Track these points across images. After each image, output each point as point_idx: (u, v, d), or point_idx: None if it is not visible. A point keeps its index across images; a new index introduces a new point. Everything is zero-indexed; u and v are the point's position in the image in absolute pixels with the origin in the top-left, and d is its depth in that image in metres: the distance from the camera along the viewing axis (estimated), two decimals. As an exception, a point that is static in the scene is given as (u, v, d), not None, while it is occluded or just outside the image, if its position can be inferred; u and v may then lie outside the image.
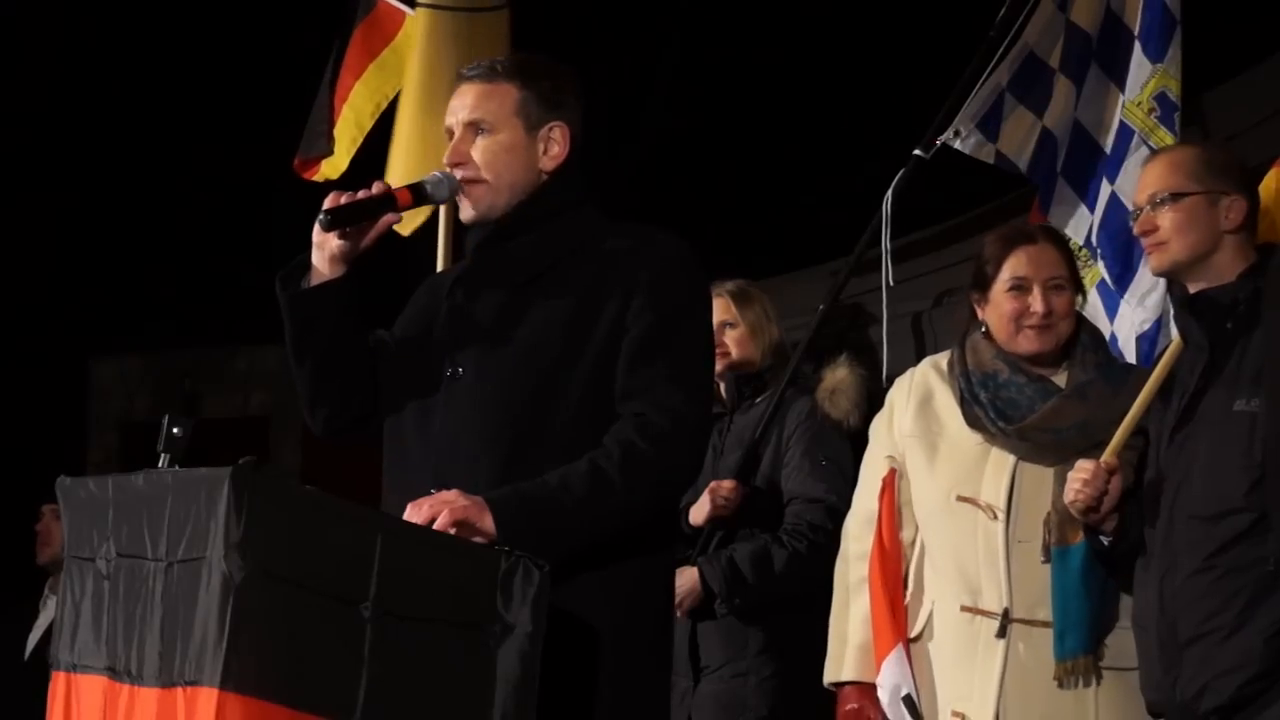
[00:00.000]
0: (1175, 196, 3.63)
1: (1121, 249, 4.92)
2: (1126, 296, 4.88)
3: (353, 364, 3.30)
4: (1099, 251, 4.97)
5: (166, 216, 9.28)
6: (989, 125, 5.05)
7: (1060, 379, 3.94)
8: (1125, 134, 4.99)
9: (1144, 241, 3.69)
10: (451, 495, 2.99)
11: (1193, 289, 3.64)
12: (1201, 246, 3.62)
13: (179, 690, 2.68)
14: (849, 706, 4.05)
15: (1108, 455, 3.64)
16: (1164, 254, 3.65)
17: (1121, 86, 5.02)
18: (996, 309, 3.97)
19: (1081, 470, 3.63)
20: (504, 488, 3.03)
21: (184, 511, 2.74)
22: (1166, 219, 3.63)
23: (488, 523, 2.97)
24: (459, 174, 3.26)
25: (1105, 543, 3.69)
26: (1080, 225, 5.05)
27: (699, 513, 4.83)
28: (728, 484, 4.80)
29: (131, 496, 2.89)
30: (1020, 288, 3.94)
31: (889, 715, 3.93)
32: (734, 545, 4.80)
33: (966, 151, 5.06)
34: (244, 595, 2.61)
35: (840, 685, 4.10)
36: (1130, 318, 4.87)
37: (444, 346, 3.23)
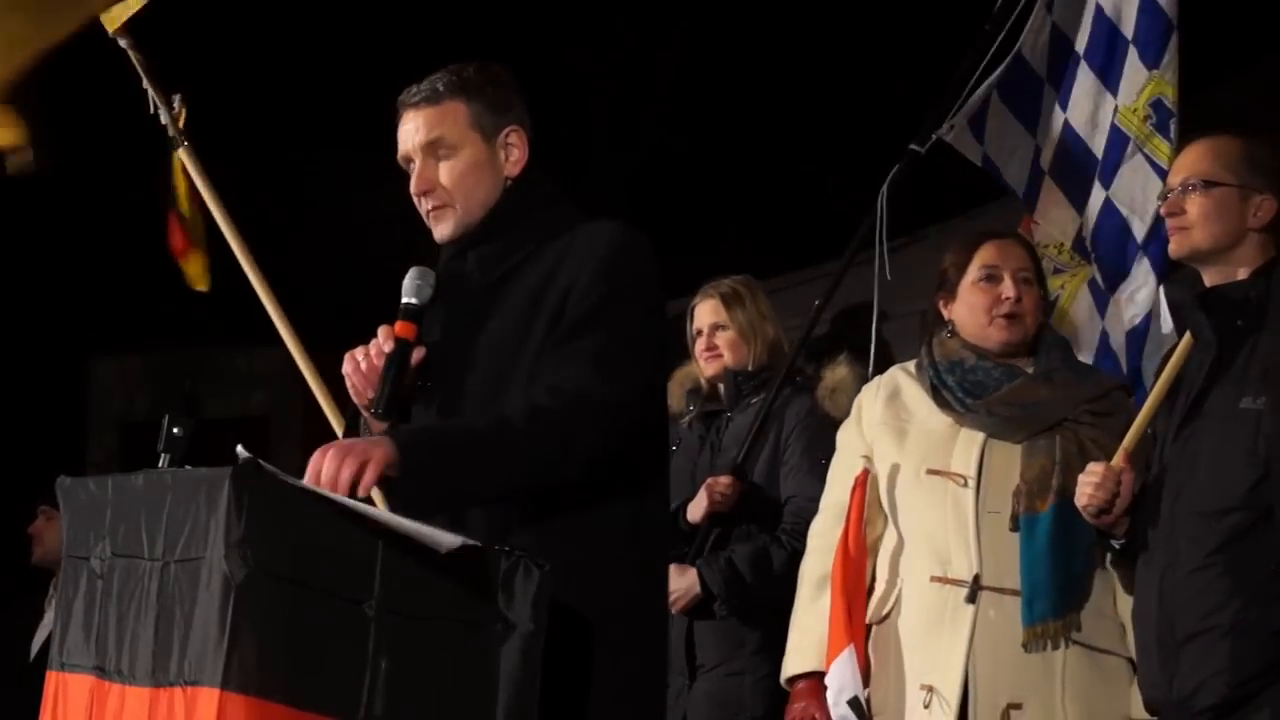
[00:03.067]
0: (1207, 184, 3.62)
1: (1115, 256, 4.92)
2: (1117, 296, 4.88)
3: None
4: (1092, 255, 4.97)
5: (167, 216, 9.26)
6: (977, 125, 5.05)
7: (1027, 369, 4.01)
8: (1119, 140, 4.97)
9: (1169, 222, 3.68)
10: (348, 444, 2.93)
11: (1207, 279, 3.64)
12: (1224, 239, 3.61)
13: (175, 690, 2.67)
14: (797, 705, 4.08)
15: (1118, 458, 3.65)
16: (1185, 239, 3.65)
17: (1113, 90, 5.01)
18: (966, 303, 4.05)
19: (1092, 474, 3.65)
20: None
21: (183, 511, 2.74)
22: (1195, 205, 3.62)
23: (384, 451, 2.91)
24: (428, 203, 3.26)
25: (1117, 545, 3.70)
26: (1068, 226, 5.04)
27: (696, 509, 4.83)
28: (724, 479, 4.81)
29: (130, 496, 2.89)
30: (992, 277, 4.02)
31: (832, 715, 3.94)
32: (732, 546, 4.80)
33: (958, 148, 5.05)
34: (245, 595, 2.60)
35: (793, 681, 4.11)
36: (1121, 314, 4.86)
37: (424, 363, 3.24)
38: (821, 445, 4.83)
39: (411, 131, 3.27)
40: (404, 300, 3.22)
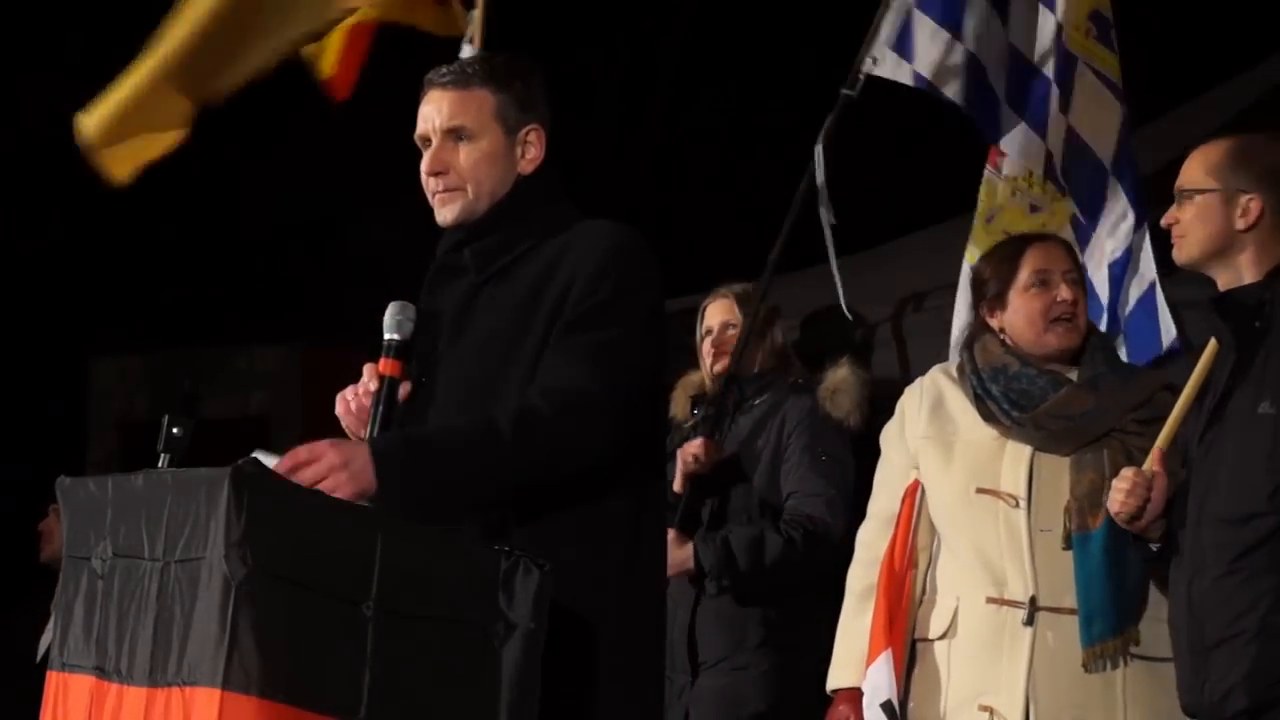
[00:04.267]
0: (1191, 193, 3.62)
1: (1086, 182, 4.84)
2: (1098, 228, 4.82)
3: None
4: (1065, 188, 4.90)
5: (166, 216, 9.28)
6: (903, 45, 4.93)
7: (1071, 374, 3.96)
8: (1069, 61, 4.87)
9: (1172, 232, 3.67)
10: (326, 451, 2.90)
11: (1219, 283, 3.63)
12: (1213, 244, 3.59)
13: (173, 690, 2.67)
14: (839, 708, 4.07)
15: (1149, 464, 3.61)
16: (1181, 248, 3.64)
17: (1050, 7, 4.91)
18: (1020, 311, 3.99)
19: (1123, 480, 3.61)
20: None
21: (183, 511, 2.73)
22: (1185, 213, 3.62)
23: (362, 461, 2.87)
24: (438, 184, 3.25)
25: (1154, 549, 3.67)
26: (1035, 154, 4.95)
27: (676, 479, 4.85)
28: (695, 443, 4.85)
29: (130, 497, 2.89)
30: (1044, 282, 3.97)
31: (866, 717, 3.93)
32: (730, 527, 4.82)
33: (886, 76, 4.95)
34: (244, 595, 2.60)
35: (837, 691, 4.10)
36: (1102, 246, 4.80)
37: (416, 355, 3.24)
38: (822, 443, 4.88)
39: (434, 112, 3.26)
40: (386, 337, 3.21)
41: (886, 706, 3.88)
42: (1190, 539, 3.54)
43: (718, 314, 5.09)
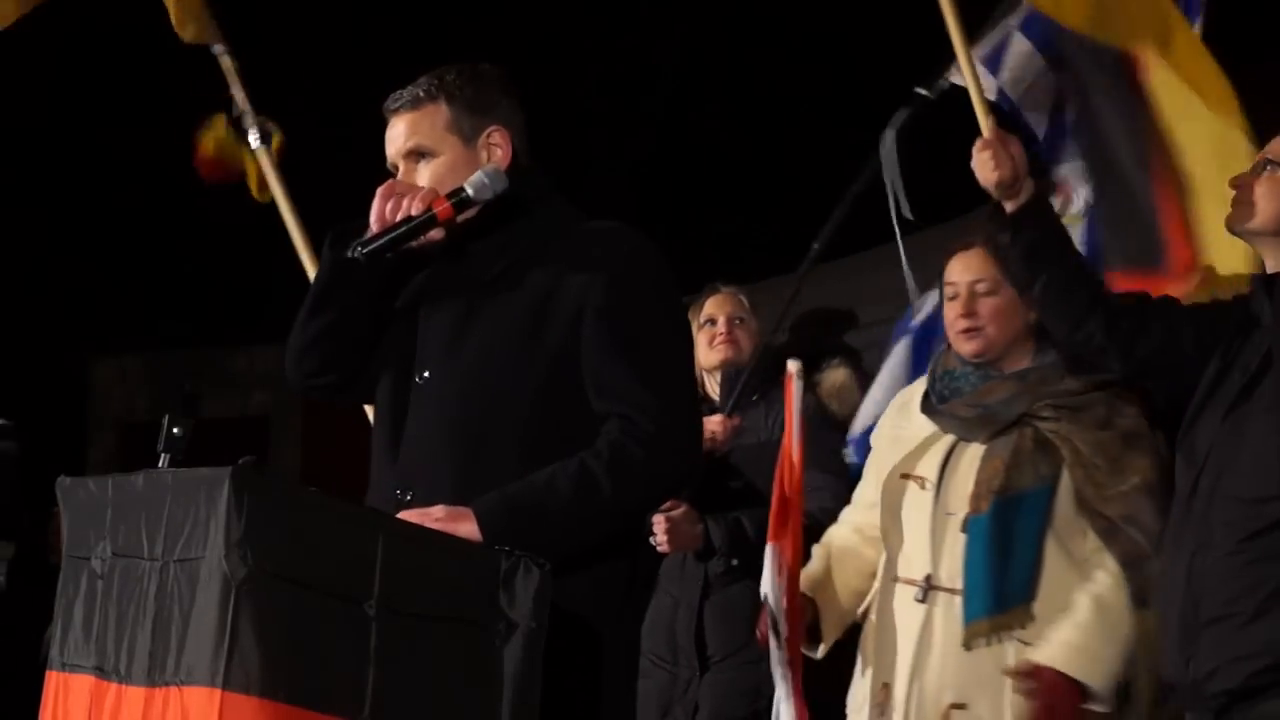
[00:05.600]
0: (1272, 164, 3.62)
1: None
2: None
3: (357, 341, 3.32)
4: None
5: (167, 216, 9.29)
6: (993, 62, 4.81)
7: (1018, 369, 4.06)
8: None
9: (1235, 195, 3.67)
10: (436, 511, 3.00)
11: (1270, 267, 3.64)
12: (1274, 223, 3.60)
13: (171, 690, 2.67)
14: None
15: (988, 132, 3.86)
16: (1242, 215, 3.65)
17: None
18: (945, 319, 4.14)
19: (982, 152, 3.81)
20: (491, 493, 3.02)
21: (183, 512, 2.74)
22: (1261, 184, 3.63)
23: (468, 531, 2.97)
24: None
25: (1009, 209, 3.81)
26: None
27: None
28: (715, 418, 4.86)
29: (130, 497, 2.89)
30: (953, 295, 4.09)
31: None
32: (743, 511, 4.86)
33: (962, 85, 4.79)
34: (244, 595, 2.61)
35: None
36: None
37: (413, 352, 3.24)
38: (829, 439, 4.90)
39: (393, 138, 3.28)
40: (464, 185, 3.18)
41: (765, 600, 4.00)
42: (1198, 514, 3.52)
43: (726, 305, 5.12)
